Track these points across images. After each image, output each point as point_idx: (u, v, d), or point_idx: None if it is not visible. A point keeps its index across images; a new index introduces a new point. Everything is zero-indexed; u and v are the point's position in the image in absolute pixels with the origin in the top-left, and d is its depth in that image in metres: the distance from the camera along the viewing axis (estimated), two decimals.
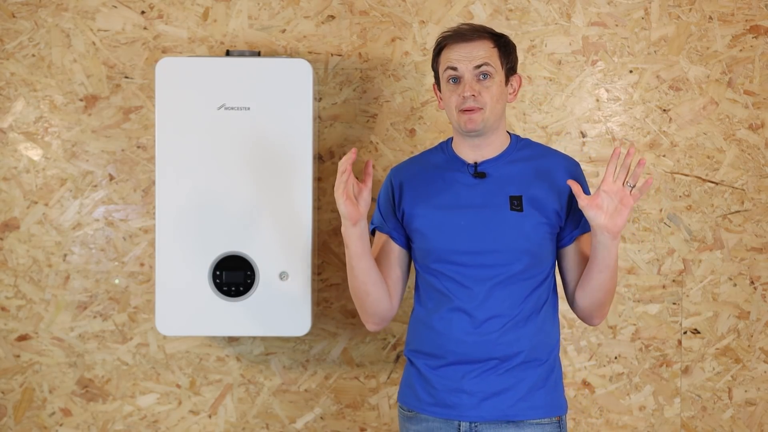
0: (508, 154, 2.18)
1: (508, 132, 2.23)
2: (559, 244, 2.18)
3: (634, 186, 2.02)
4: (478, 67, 2.11)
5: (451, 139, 2.25)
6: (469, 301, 2.11)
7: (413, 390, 2.18)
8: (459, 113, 2.12)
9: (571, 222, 2.16)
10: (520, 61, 2.73)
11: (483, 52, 2.12)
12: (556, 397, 2.15)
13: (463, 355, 2.10)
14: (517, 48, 2.73)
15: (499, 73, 2.13)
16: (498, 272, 2.11)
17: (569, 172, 2.17)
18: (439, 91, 2.20)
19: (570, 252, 2.18)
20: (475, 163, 2.17)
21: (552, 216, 2.13)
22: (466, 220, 2.13)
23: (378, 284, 2.17)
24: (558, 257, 2.20)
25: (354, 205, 2.05)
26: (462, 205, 2.14)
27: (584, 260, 2.16)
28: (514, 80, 2.20)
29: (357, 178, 2.14)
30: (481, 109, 2.11)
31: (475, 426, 2.10)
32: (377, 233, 2.27)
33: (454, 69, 2.12)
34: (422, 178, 2.21)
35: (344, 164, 2.01)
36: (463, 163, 2.19)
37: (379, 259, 2.24)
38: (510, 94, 2.19)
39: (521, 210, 2.11)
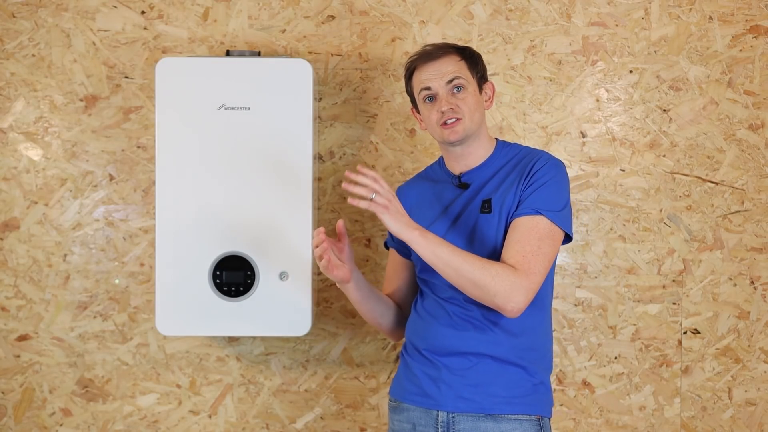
0: (491, 162, 2.23)
1: (496, 138, 2.27)
2: None
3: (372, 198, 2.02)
4: (450, 81, 2.17)
5: None
6: (450, 302, 2.17)
7: (400, 381, 2.24)
8: (441, 128, 2.18)
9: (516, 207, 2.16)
10: (520, 61, 2.74)
11: (452, 66, 2.18)
12: (536, 398, 2.15)
13: (442, 347, 2.15)
14: (517, 48, 2.74)
15: (471, 84, 2.19)
16: None
17: (536, 165, 2.15)
18: (418, 113, 2.27)
19: None
20: (459, 174, 2.23)
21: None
22: (445, 229, 2.19)
23: (386, 314, 2.31)
24: None
25: (342, 269, 2.14)
26: (443, 216, 2.21)
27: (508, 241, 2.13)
28: (487, 88, 2.25)
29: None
30: (461, 119, 2.16)
31: (453, 417, 2.12)
32: (389, 249, 2.40)
33: (428, 88, 2.19)
34: (419, 194, 2.30)
35: (315, 242, 2.08)
36: (450, 175, 2.26)
37: (390, 271, 2.38)
38: (486, 101, 2.25)
39: (490, 212, 2.15)
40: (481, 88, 2.22)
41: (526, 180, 2.14)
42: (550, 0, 2.74)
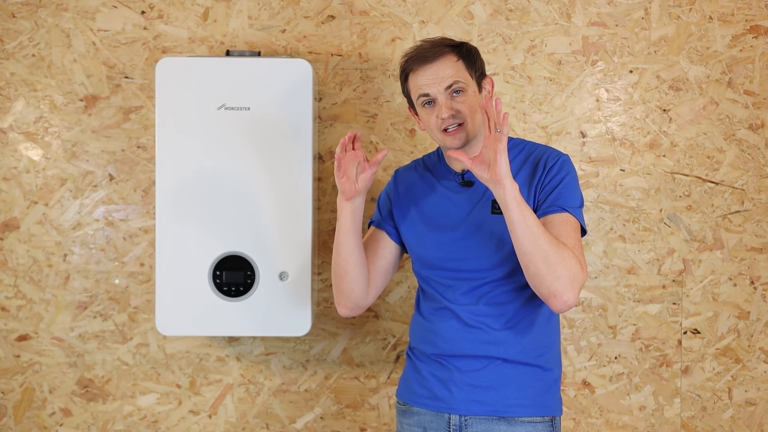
0: None
1: None
2: None
3: (500, 131, 1.94)
4: (449, 87, 2.10)
5: None
6: (457, 303, 2.14)
7: (408, 384, 2.22)
8: (442, 134, 2.12)
9: (537, 206, 2.13)
10: (520, 62, 2.73)
11: (449, 70, 2.10)
12: (549, 398, 2.15)
13: (452, 351, 2.13)
14: (517, 48, 2.74)
15: (471, 85, 2.13)
16: (484, 276, 2.13)
17: (548, 162, 2.13)
18: (416, 114, 2.20)
19: None
20: (462, 171, 2.19)
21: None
22: (451, 228, 2.15)
23: (359, 266, 2.18)
24: None
25: (350, 181, 2.07)
26: (447, 215, 2.17)
27: None
28: (486, 83, 2.19)
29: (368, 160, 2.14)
30: (462, 124, 2.11)
31: (465, 420, 2.11)
32: (372, 227, 2.31)
33: (426, 95, 2.11)
34: (417, 187, 2.26)
35: (341, 147, 2.03)
36: (451, 171, 2.22)
37: (367, 246, 2.26)
38: (486, 97, 2.17)
39: (501, 212, 2.10)
40: (480, 86, 2.16)
41: (541, 179, 2.11)
42: (550, 0, 2.74)
